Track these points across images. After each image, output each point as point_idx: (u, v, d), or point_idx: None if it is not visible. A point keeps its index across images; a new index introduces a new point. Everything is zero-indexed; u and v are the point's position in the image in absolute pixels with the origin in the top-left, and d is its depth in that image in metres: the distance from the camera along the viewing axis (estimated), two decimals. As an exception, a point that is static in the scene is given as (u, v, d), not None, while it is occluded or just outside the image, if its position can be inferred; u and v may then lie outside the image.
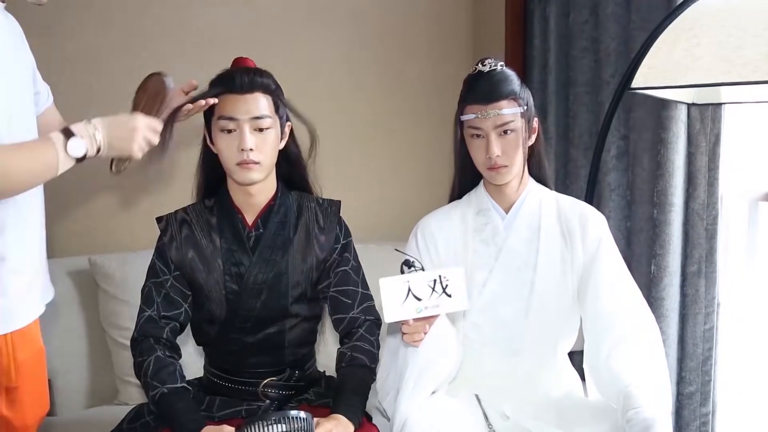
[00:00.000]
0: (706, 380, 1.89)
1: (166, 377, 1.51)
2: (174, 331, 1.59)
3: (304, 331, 1.66)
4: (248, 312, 1.59)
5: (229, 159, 1.53)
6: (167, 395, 1.49)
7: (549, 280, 1.59)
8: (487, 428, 1.52)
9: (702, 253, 1.86)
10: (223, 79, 1.55)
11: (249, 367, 1.63)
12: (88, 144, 1.25)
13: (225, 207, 1.61)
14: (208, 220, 1.61)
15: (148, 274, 1.62)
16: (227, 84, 1.53)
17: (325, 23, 2.60)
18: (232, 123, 1.51)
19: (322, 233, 1.64)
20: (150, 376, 1.51)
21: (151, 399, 1.51)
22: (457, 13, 2.73)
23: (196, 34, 2.47)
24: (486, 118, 1.53)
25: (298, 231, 1.63)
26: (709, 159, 1.83)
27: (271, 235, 1.60)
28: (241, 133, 1.51)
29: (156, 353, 1.53)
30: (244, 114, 1.51)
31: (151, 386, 1.51)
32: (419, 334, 1.45)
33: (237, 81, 1.52)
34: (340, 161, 2.65)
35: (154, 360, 1.52)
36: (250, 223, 1.61)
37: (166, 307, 1.57)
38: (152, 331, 1.56)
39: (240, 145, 1.51)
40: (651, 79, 1.56)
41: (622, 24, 2.03)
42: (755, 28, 1.40)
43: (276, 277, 1.59)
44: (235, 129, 1.51)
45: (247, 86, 1.52)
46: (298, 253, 1.62)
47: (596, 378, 1.54)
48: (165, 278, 1.59)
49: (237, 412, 1.59)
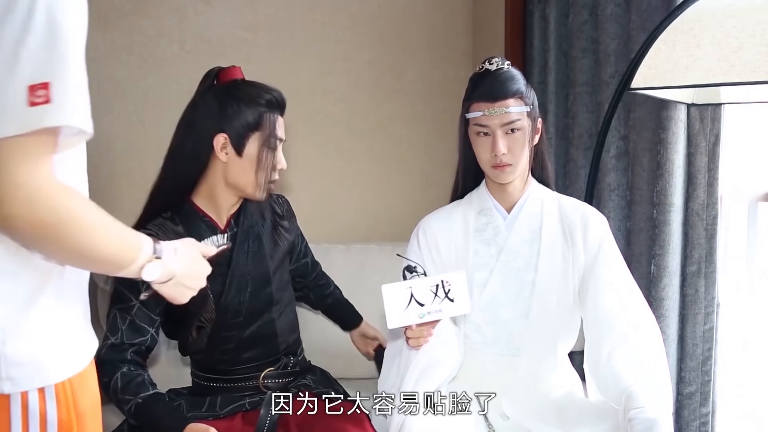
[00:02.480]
0: (706, 380, 1.89)
1: (137, 388, 1.48)
2: (139, 353, 1.54)
3: (289, 317, 1.74)
4: (238, 307, 1.63)
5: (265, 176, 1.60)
6: (142, 404, 1.46)
7: (550, 280, 1.59)
8: (487, 428, 1.52)
9: (702, 253, 1.86)
10: (272, 102, 1.61)
11: (246, 362, 1.65)
12: (164, 275, 1.05)
13: (189, 214, 1.61)
14: (173, 230, 1.58)
15: (111, 299, 1.56)
16: (277, 106, 1.62)
17: (325, 24, 2.60)
18: (280, 143, 1.62)
19: (283, 219, 1.78)
20: (120, 391, 1.47)
21: (127, 413, 1.48)
22: (457, 13, 2.73)
23: (196, 35, 2.48)
24: (493, 115, 1.53)
25: (266, 221, 1.72)
26: (709, 159, 1.83)
27: (245, 231, 1.66)
28: (278, 153, 1.62)
29: (121, 370, 1.49)
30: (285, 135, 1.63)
31: (124, 401, 1.47)
32: (423, 339, 1.46)
33: (280, 106, 1.63)
34: (340, 161, 2.66)
35: (120, 376, 1.48)
36: (222, 226, 1.64)
37: (130, 334, 1.52)
38: (115, 355, 1.51)
39: (280, 164, 1.62)
40: (651, 80, 1.56)
41: (622, 24, 2.03)
42: (755, 28, 1.40)
43: (257, 267, 1.66)
44: (277, 149, 1.62)
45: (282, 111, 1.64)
46: (270, 240, 1.70)
47: (597, 378, 1.54)
48: (131, 304, 1.53)
49: (240, 405, 1.62)
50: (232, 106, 1.55)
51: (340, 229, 2.62)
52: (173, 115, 2.63)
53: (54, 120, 0.85)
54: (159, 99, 2.47)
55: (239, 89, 1.57)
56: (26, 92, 0.83)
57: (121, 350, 1.52)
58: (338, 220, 2.64)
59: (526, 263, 1.61)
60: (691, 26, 1.51)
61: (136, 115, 2.47)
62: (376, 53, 2.65)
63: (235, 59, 1.76)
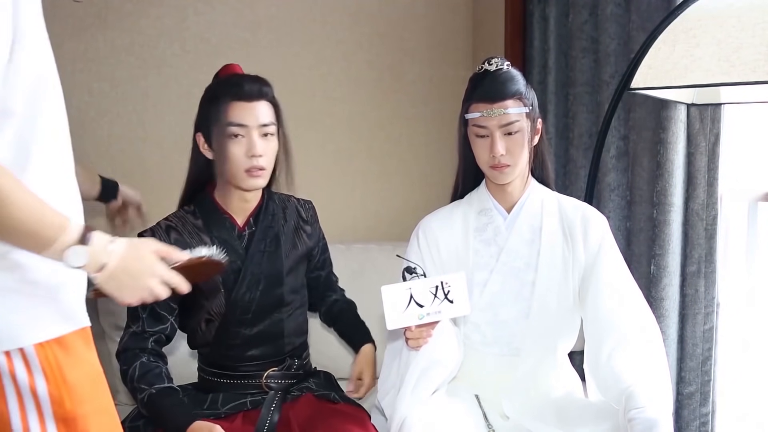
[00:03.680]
0: (706, 380, 1.89)
1: (153, 379, 1.52)
2: (159, 342, 1.59)
3: (299, 320, 1.73)
4: (248, 304, 1.63)
5: (237, 166, 1.56)
6: (155, 395, 1.50)
7: (550, 280, 1.59)
8: (487, 428, 1.52)
9: (701, 253, 1.86)
10: (230, 86, 1.57)
11: (250, 360, 1.66)
12: (91, 263, 1.01)
13: (210, 210, 1.65)
14: (193, 223, 1.64)
15: None
16: (236, 92, 1.56)
17: (325, 24, 2.60)
18: (241, 129, 1.55)
19: (307, 224, 1.76)
20: (136, 380, 1.51)
21: (140, 402, 1.52)
22: (457, 13, 2.73)
23: (196, 35, 2.48)
24: (491, 116, 1.53)
25: (287, 222, 1.71)
26: (709, 159, 1.83)
27: (263, 230, 1.66)
28: (249, 140, 1.55)
29: (141, 359, 1.54)
30: (253, 121, 1.55)
31: (138, 390, 1.51)
32: (423, 340, 1.46)
33: (246, 89, 1.56)
34: (339, 161, 2.66)
35: (139, 365, 1.53)
36: (240, 225, 1.65)
37: (151, 323, 1.58)
38: (136, 344, 1.56)
39: (250, 151, 1.54)
40: (650, 80, 1.56)
41: (622, 24, 2.03)
42: (755, 28, 1.40)
43: (271, 267, 1.66)
44: (243, 135, 1.55)
45: (256, 94, 1.57)
46: (289, 242, 1.70)
47: (597, 378, 1.54)
48: None
49: (242, 404, 1.62)
50: (201, 105, 1.61)
51: (340, 229, 2.61)
52: (173, 115, 2.63)
53: None
54: (159, 99, 2.47)
55: (209, 87, 1.63)
56: None
57: (142, 339, 1.56)
58: (338, 220, 2.63)
59: (526, 263, 1.61)
60: (691, 26, 1.51)
61: (136, 115, 2.47)
62: (376, 53, 2.65)
63: (235, 59, 1.76)
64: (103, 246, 1.02)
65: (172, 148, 2.44)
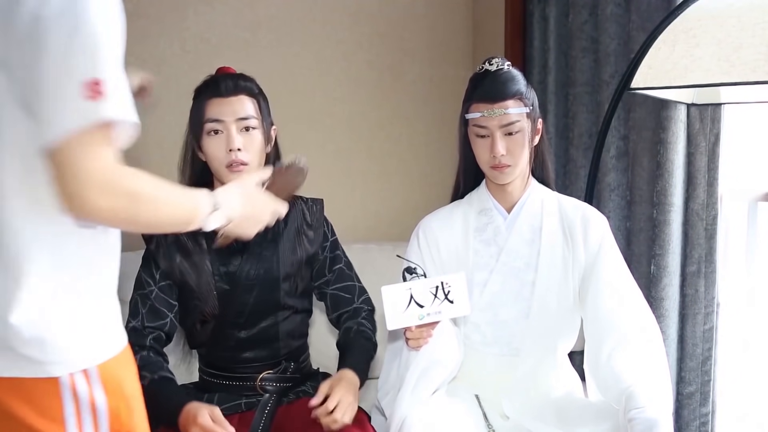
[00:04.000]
0: (706, 380, 1.89)
1: (154, 368, 1.53)
2: (158, 340, 1.60)
3: (296, 323, 1.71)
4: (241, 307, 1.63)
5: (218, 161, 1.56)
6: (156, 381, 1.51)
7: (550, 280, 1.59)
8: (487, 428, 1.52)
9: (701, 253, 1.86)
10: (207, 85, 1.59)
11: (245, 362, 1.65)
12: (223, 222, 1.14)
13: None
14: None
15: (134, 286, 1.63)
16: (212, 89, 1.57)
17: (325, 24, 2.60)
18: (218, 125, 1.55)
19: (310, 229, 1.71)
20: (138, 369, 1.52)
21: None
22: (457, 13, 2.73)
23: (196, 35, 2.47)
24: (492, 117, 1.53)
25: (288, 226, 1.68)
26: (709, 159, 1.83)
27: (260, 234, 1.62)
28: (228, 134, 1.54)
29: (141, 353, 1.54)
30: (230, 115, 1.55)
31: (141, 377, 1.50)
32: (423, 340, 1.46)
33: (222, 85, 1.56)
34: (340, 161, 2.65)
35: (139, 358, 1.52)
36: None
37: (150, 318, 1.59)
38: (136, 340, 1.55)
39: (228, 146, 1.54)
40: (650, 80, 1.56)
41: (622, 24, 2.03)
42: (755, 28, 1.40)
43: (267, 271, 1.64)
44: (222, 131, 1.55)
45: (232, 89, 1.56)
46: (288, 247, 1.67)
47: (597, 378, 1.54)
48: (150, 289, 1.61)
49: (237, 405, 1.62)
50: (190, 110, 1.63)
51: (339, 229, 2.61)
52: (173, 115, 2.62)
53: (110, 113, 0.93)
54: (159, 99, 2.47)
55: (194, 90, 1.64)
56: (81, 87, 0.90)
57: (141, 335, 1.57)
58: (338, 220, 2.62)
59: (526, 263, 1.61)
60: (691, 26, 1.51)
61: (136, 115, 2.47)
62: (376, 53, 2.65)
63: (235, 59, 1.76)
64: (228, 204, 1.14)
65: (172, 148, 2.43)
